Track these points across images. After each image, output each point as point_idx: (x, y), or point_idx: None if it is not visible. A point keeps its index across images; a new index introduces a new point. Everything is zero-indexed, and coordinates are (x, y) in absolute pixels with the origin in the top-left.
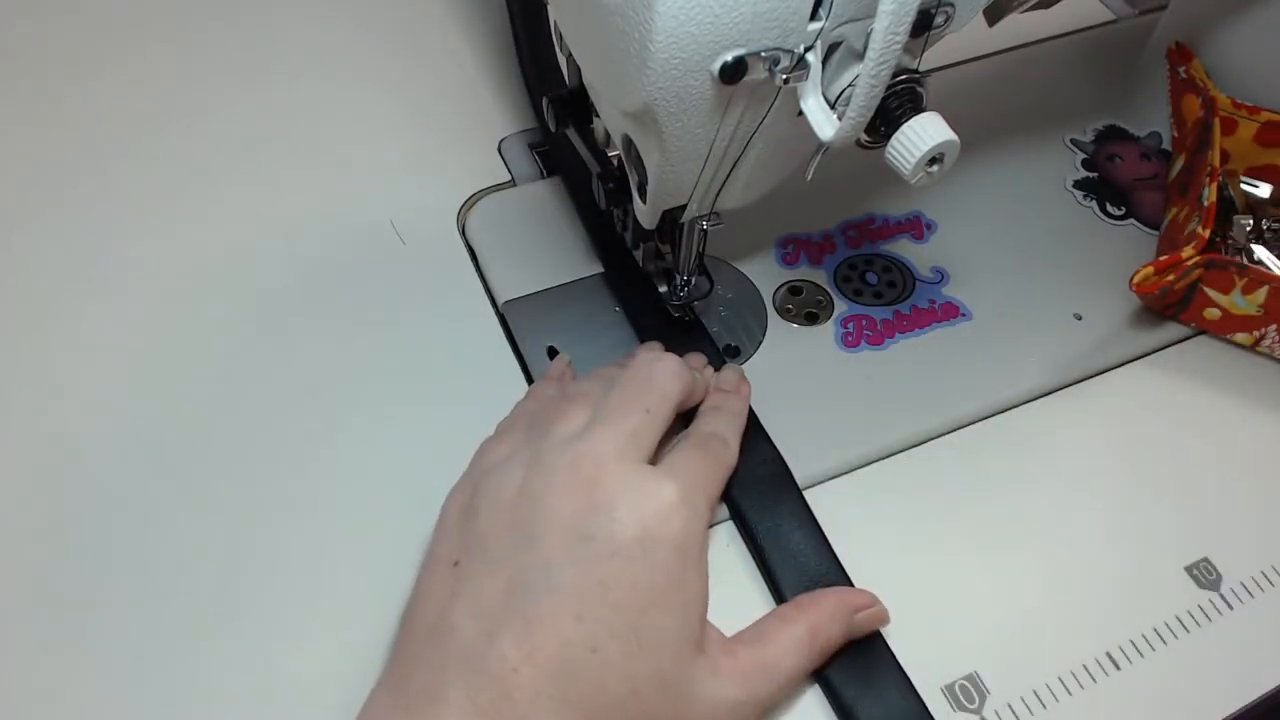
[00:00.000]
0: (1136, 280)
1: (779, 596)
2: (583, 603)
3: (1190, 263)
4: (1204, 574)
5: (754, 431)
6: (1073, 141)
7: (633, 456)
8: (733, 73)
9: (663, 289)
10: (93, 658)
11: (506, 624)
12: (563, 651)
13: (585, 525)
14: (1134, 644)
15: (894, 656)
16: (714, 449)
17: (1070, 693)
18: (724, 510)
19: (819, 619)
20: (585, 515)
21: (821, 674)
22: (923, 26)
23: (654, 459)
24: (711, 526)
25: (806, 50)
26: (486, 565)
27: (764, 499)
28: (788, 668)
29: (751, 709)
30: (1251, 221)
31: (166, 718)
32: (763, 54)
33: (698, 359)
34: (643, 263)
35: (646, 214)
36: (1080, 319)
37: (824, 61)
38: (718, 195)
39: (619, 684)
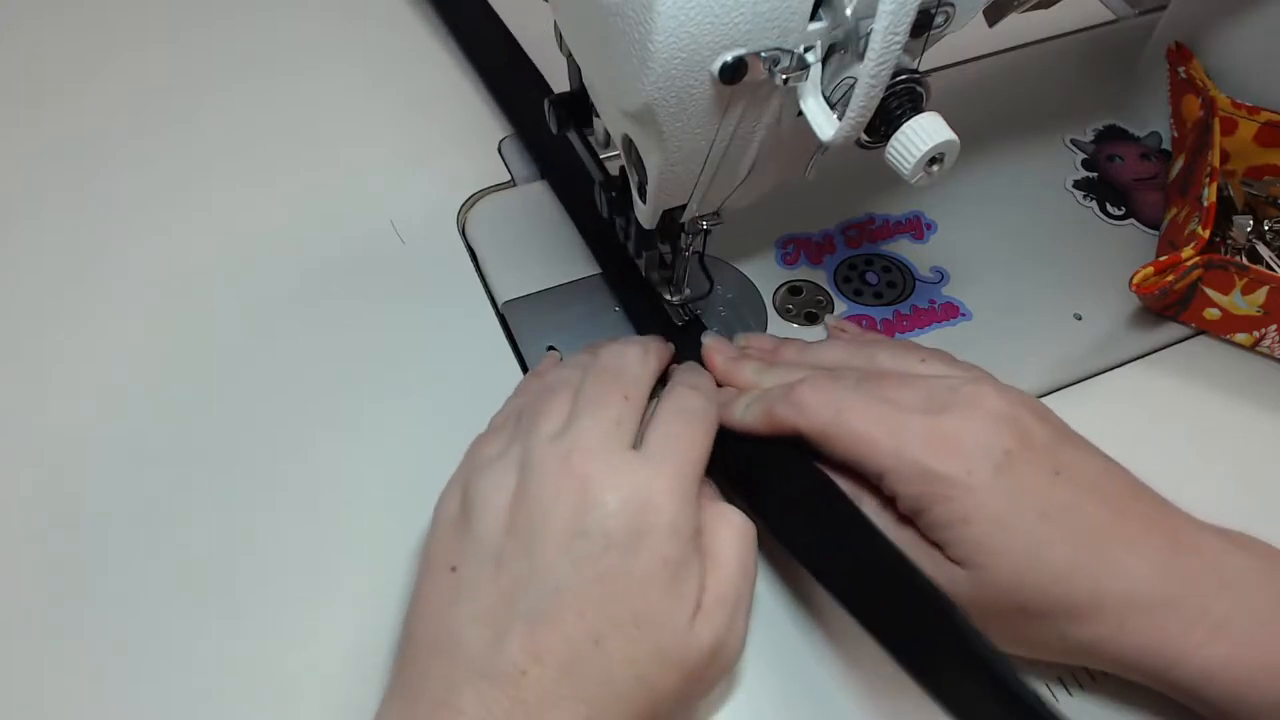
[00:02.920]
0: (1136, 280)
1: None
2: (582, 599)
3: (1190, 263)
4: None
5: None
6: (1073, 141)
7: (618, 445)
8: (733, 73)
9: (662, 289)
10: (93, 657)
11: (510, 628)
12: (568, 649)
13: (579, 523)
14: None
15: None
16: (694, 407)
17: (1070, 693)
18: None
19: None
20: (579, 513)
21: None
22: (923, 26)
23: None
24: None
25: (806, 50)
26: (486, 570)
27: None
28: (747, 562)
29: (738, 625)
30: (1251, 221)
31: (167, 718)
32: (763, 54)
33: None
34: (645, 271)
35: (646, 214)
36: (1080, 319)
37: (824, 61)
38: (718, 195)
39: (623, 670)
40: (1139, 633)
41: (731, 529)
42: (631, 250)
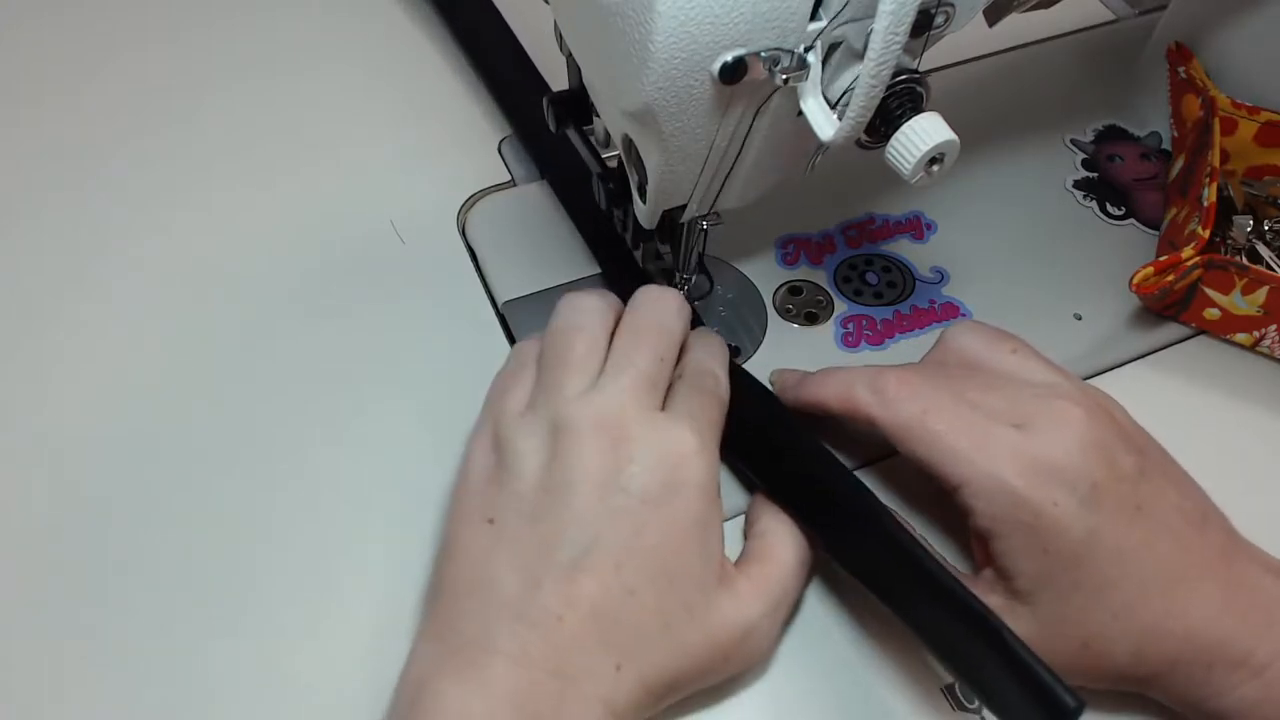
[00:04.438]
0: (1136, 280)
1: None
2: (620, 551)
3: (1190, 263)
4: None
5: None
6: (1073, 141)
7: (650, 404)
8: (733, 73)
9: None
10: (93, 657)
11: (548, 576)
12: (603, 598)
13: (616, 479)
14: None
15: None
16: (709, 386)
17: None
18: None
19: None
20: (616, 470)
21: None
22: (923, 26)
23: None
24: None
25: (806, 50)
26: (524, 522)
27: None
28: (797, 570)
29: (771, 622)
30: (1251, 221)
31: (167, 717)
32: (763, 54)
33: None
34: (643, 263)
35: (646, 214)
36: (1080, 319)
37: (824, 61)
38: (718, 195)
39: (652, 620)
40: (1188, 670)
41: (791, 535)
42: (629, 242)
